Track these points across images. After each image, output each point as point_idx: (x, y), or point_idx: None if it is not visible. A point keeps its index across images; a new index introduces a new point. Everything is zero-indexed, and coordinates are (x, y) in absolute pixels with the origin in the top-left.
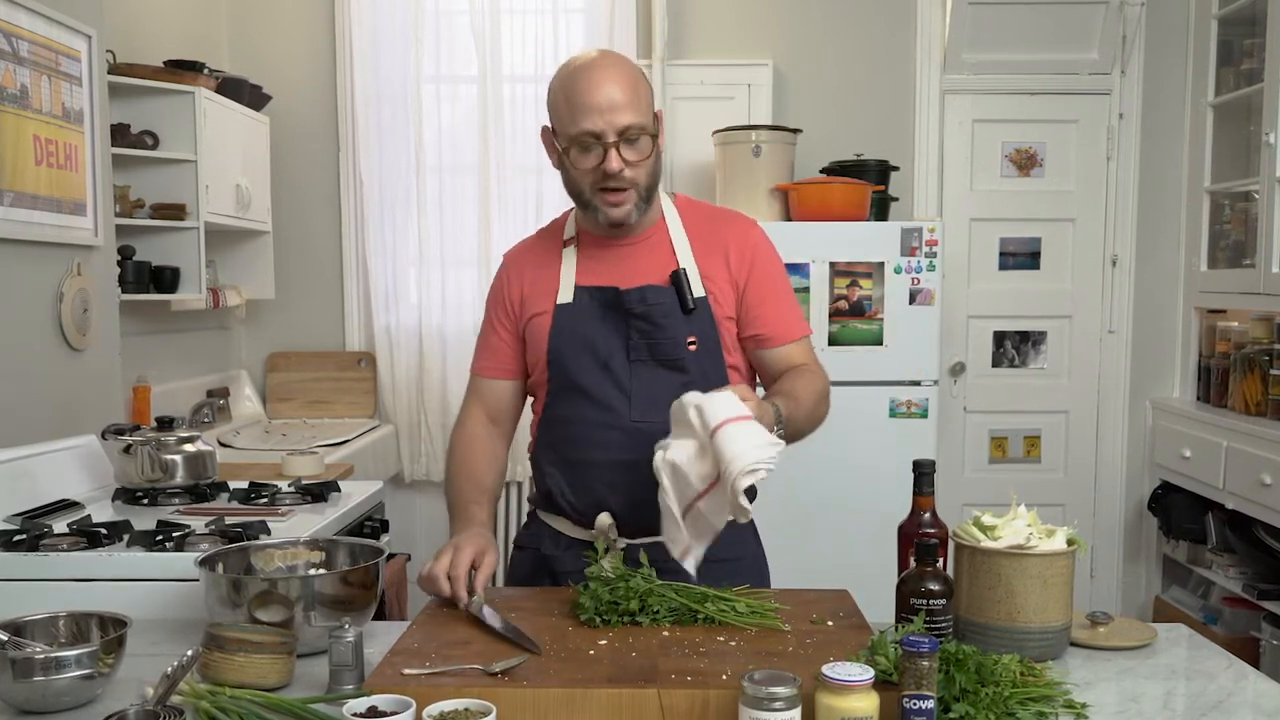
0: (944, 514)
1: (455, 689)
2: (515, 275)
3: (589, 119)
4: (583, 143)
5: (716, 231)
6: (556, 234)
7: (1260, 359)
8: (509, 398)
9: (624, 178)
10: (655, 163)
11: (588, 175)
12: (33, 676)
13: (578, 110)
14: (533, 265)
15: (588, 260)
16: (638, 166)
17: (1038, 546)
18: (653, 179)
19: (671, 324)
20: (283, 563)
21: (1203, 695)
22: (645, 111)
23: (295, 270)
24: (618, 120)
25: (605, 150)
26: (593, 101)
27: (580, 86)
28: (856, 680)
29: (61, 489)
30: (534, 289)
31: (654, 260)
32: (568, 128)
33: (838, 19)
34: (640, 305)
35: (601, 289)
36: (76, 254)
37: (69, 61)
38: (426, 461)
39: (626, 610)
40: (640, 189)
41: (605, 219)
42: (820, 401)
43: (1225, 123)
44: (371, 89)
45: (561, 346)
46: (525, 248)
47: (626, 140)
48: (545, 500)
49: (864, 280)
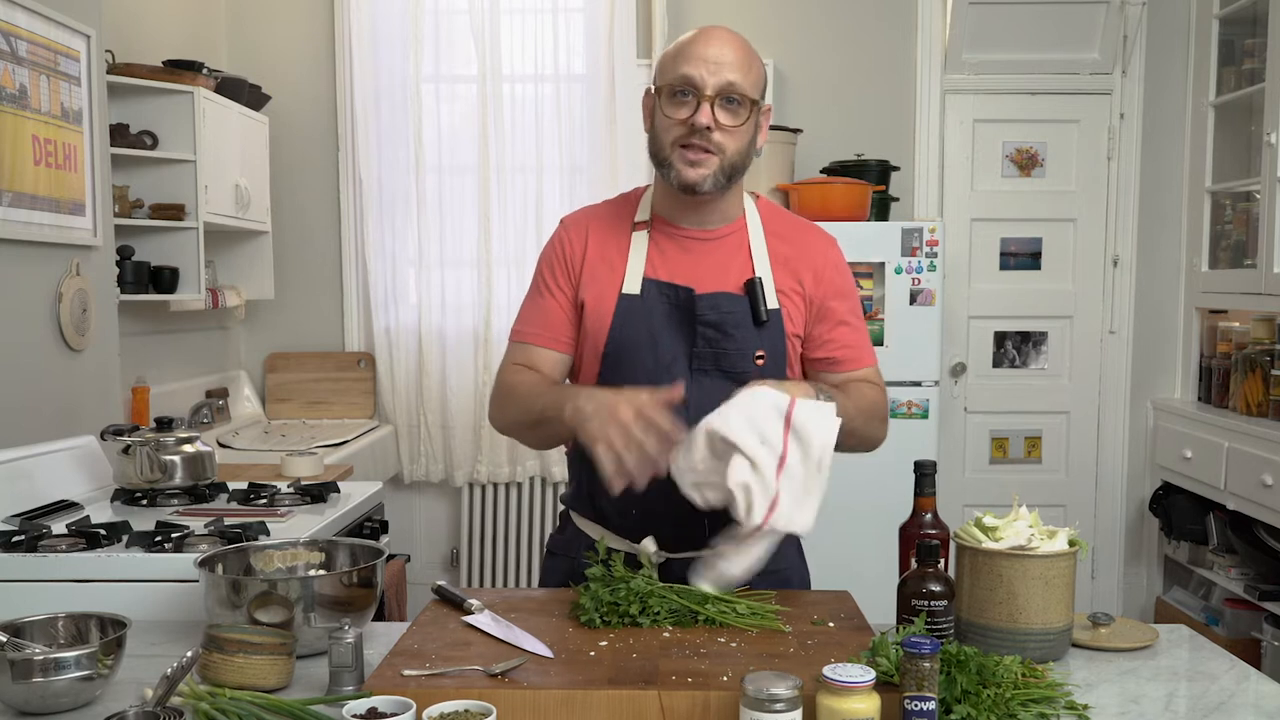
0: (945, 515)
1: (455, 690)
2: (579, 241)
3: (692, 66)
4: (680, 91)
5: (797, 243)
6: (628, 211)
7: (1261, 359)
8: (556, 373)
9: (711, 139)
10: (748, 142)
11: (675, 128)
12: (32, 678)
13: (683, 58)
14: (599, 236)
15: (659, 251)
16: (729, 133)
17: (1039, 547)
18: (739, 157)
19: (741, 335)
20: (282, 564)
21: (1204, 697)
22: (753, 84)
23: (294, 270)
24: (721, 75)
25: (699, 104)
26: (702, 52)
27: (695, 39)
28: (858, 682)
29: (60, 490)
30: (598, 263)
31: (730, 262)
32: (668, 75)
33: (838, 19)
34: (712, 313)
35: (674, 287)
36: (75, 254)
37: (68, 61)
38: (426, 462)
39: (627, 611)
40: (725, 160)
41: (679, 178)
42: (876, 410)
43: (1226, 123)
44: (371, 89)
45: (623, 340)
46: (591, 215)
47: (724, 101)
48: (582, 501)
49: (865, 280)
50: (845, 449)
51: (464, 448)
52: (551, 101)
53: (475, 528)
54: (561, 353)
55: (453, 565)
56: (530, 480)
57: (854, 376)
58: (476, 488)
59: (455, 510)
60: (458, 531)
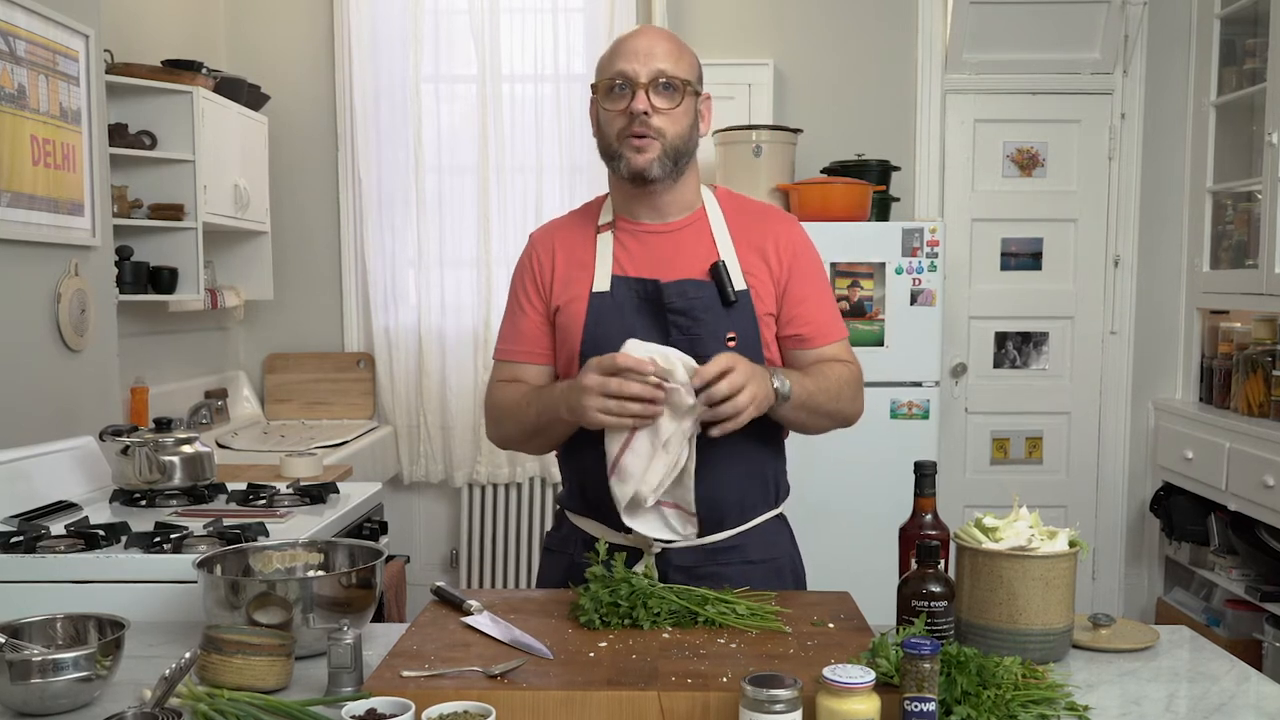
0: (945, 515)
1: (454, 691)
2: (546, 255)
3: (625, 61)
4: (617, 86)
5: (758, 226)
6: (590, 217)
7: (1263, 360)
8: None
9: (650, 124)
10: (689, 126)
11: (616, 119)
12: (30, 679)
13: (616, 55)
14: (565, 247)
15: (624, 249)
16: (666, 116)
17: (1039, 548)
18: (681, 141)
19: (712, 319)
20: (281, 565)
21: (1205, 698)
22: (685, 70)
23: (294, 271)
24: (652, 64)
25: (634, 93)
26: (631, 47)
27: (625, 37)
28: (858, 683)
29: (59, 490)
30: (567, 273)
31: (693, 251)
32: (605, 73)
33: (839, 18)
34: (680, 300)
35: (641, 280)
36: (74, 254)
37: (66, 61)
38: (425, 463)
39: (626, 612)
40: (667, 144)
41: (628, 167)
42: (845, 387)
43: (1228, 123)
44: (370, 89)
45: (598, 338)
46: (556, 228)
47: (659, 88)
48: (576, 499)
49: (865, 281)
50: (820, 428)
51: (463, 448)
52: (551, 101)
53: (475, 528)
54: (542, 365)
55: (452, 566)
56: (530, 481)
57: (824, 354)
58: (476, 488)
59: (455, 511)
60: (457, 532)
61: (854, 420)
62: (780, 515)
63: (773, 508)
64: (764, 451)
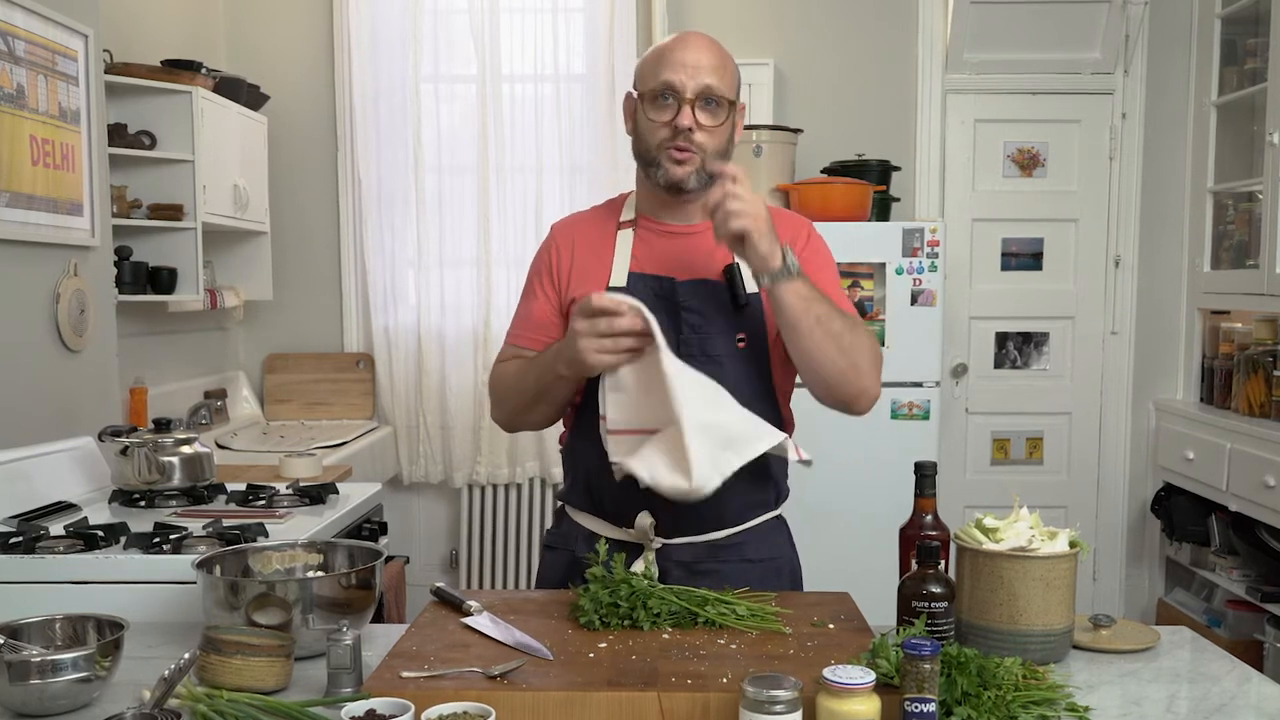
0: (946, 516)
1: (454, 692)
2: (565, 247)
3: (672, 71)
4: (661, 95)
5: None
6: (613, 214)
7: (1264, 360)
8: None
9: (693, 139)
10: (727, 141)
11: (659, 130)
12: (29, 679)
13: (663, 64)
14: (584, 241)
15: (643, 247)
16: (709, 133)
17: (1040, 549)
18: (719, 155)
19: (723, 319)
20: (280, 565)
21: (1206, 699)
22: (729, 86)
23: (293, 271)
24: (700, 79)
25: (680, 107)
26: (680, 58)
27: (672, 45)
28: (858, 683)
29: (58, 491)
30: (584, 266)
31: (710, 253)
32: (649, 81)
33: (839, 18)
34: (694, 299)
35: (657, 278)
36: (73, 254)
37: (65, 61)
38: (425, 463)
39: (626, 613)
40: (706, 158)
41: (666, 177)
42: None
43: (1229, 122)
44: (370, 88)
45: None
46: (577, 220)
47: (703, 102)
48: (578, 494)
49: (865, 281)
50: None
51: (463, 448)
52: (551, 101)
53: (474, 529)
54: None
55: (452, 567)
56: (530, 481)
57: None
58: (476, 489)
59: (454, 511)
60: (457, 533)
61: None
62: (780, 517)
63: (772, 509)
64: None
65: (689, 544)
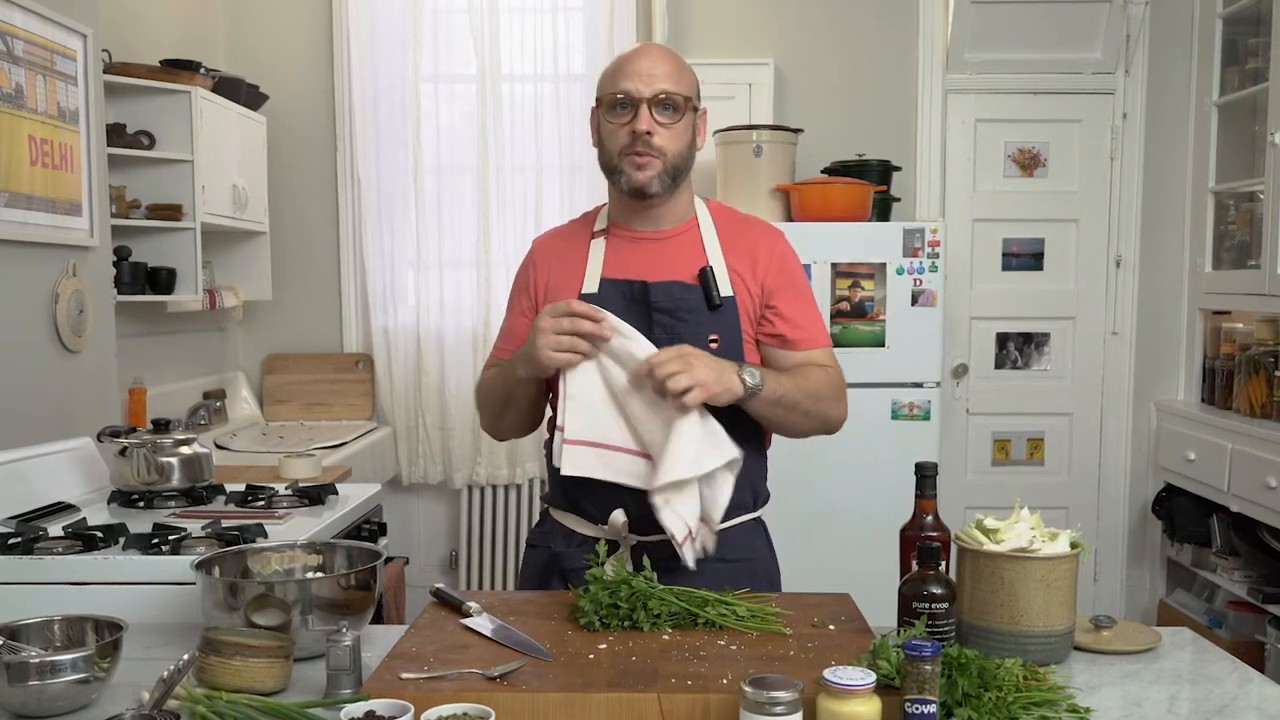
0: (946, 517)
1: (454, 693)
2: (542, 262)
3: (627, 80)
4: (619, 104)
5: (745, 235)
6: (587, 225)
7: (1265, 361)
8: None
9: (652, 143)
10: (687, 144)
11: (619, 134)
12: (28, 681)
13: (620, 74)
14: (560, 254)
15: (616, 253)
16: (667, 133)
17: (1041, 550)
18: (681, 158)
19: (695, 320)
20: (280, 566)
21: (1207, 700)
22: (685, 88)
23: (292, 271)
24: (654, 84)
25: (637, 110)
26: (635, 67)
27: (629, 55)
28: (858, 685)
29: (57, 491)
30: (559, 278)
31: (683, 257)
32: (608, 89)
33: (839, 18)
34: (666, 300)
35: (628, 282)
36: (72, 255)
37: (64, 61)
38: (424, 464)
39: (626, 614)
40: (667, 161)
41: (629, 182)
42: (825, 389)
43: (1230, 122)
44: (369, 88)
45: None
46: (554, 236)
47: (660, 106)
48: (559, 495)
49: (866, 281)
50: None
51: (463, 449)
52: (551, 101)
53: (474, 530)
54: None
55: (451, 568)
56: (529, 482)
57: (809, 358)
58: (475, 490)
59: (454, 512)
60: (456, 534)
61: (836, 425)
62: (758, 519)
63: (749, 511)
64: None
65: (663, 542)
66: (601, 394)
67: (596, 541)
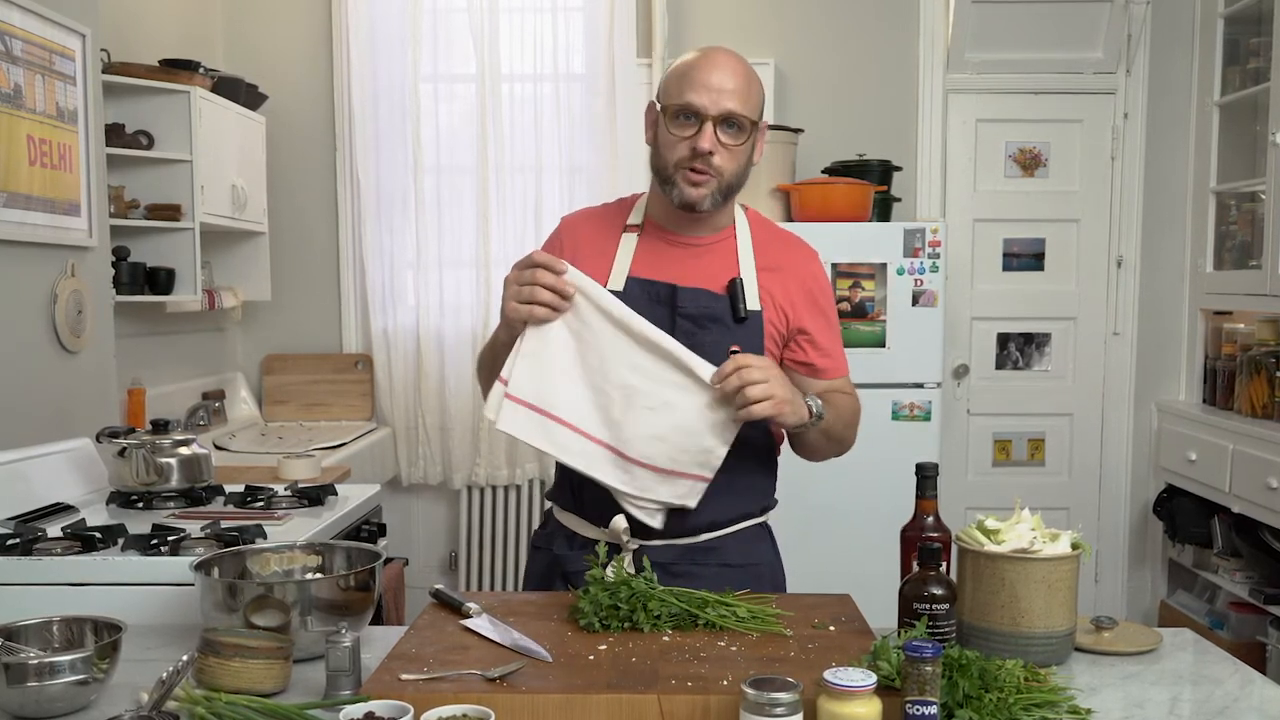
0: (947, 518)
1: (453, 694)
2: (570, 240)
3: (697, 93)
4: (684, 114)
5: (781, 253)
6: (622, 214)
7: (1267, 361)
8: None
9: (712, 162)
10: (745, 164)
11: (679, 146)
12: (26, 682)
13: (688, 83)
14: (590, 238)
15: (647, 252)
16: (728, 154)
17: (1042, 550)
18: (736, 178)
19: (718, 330)
20: (279, 567)
21: (1208, 701)
22: (752, 109)
23: (292, 271)
24: (723, 102)
25: (701, 127)
26: (705, 79)
27: (698, 63)
28: (859, 686)
29: (56, 492)
30: (587, 263)
31: (714, 266)
32: (673, 98)
33: (840, 18)
34: (692, 306)
35: (655, 284)
36: (71, 255)
37: (63, 60)
38: (424, 465)
39: (626, 615)
40: (723, 180)
41: (681, 197)
42: (852, 418)
43: (1231, 122)
44: (369, 88)
45: None
46: (586, 217)
47: (725, 124)
48: (563, 494)
49: (866, 281)
50: (825, 454)
51: (462, 450)
52: (551, 101)
53: (474, 531)
54: None
55: (451, 569)
56: (529, 483)
57: (833, 386)
58: (475, 490)
59: (454, 513)
60: (456, 534)
61: (848, 449)
62: (763, 523)
63: (754, 516)
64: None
65: (666, 546)
66: (563, 363)
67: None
